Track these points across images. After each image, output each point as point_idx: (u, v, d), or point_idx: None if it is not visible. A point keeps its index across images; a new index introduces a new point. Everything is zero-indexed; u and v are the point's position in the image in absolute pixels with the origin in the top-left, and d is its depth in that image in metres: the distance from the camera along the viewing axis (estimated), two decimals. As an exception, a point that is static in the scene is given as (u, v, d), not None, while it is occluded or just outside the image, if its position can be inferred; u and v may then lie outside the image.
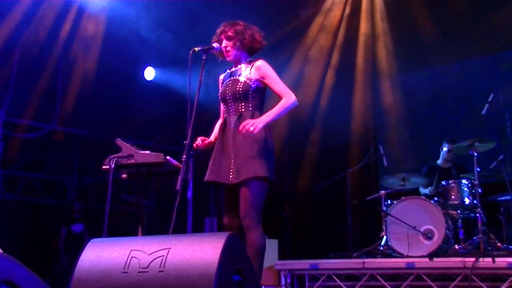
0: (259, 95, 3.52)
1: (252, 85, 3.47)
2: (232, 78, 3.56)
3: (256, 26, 3.64)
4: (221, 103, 3.60)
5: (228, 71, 3.67)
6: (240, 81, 3.48)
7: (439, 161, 6.47)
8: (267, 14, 8.28)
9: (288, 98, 3.44)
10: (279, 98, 3.48)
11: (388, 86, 8.39)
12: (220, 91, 3.60)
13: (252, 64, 3.55)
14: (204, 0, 7.87)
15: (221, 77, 3.71)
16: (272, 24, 8.10)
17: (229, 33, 3.54)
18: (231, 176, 3.37)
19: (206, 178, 3.45)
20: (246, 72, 3.51)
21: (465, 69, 7.64)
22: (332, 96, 8.45)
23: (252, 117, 3.42)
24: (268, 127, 3.44)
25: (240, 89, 3.46)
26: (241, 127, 3.28)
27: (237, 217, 3.39)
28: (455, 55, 7.62)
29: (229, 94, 3.50)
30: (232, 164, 3.38)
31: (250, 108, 3.46)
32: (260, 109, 3.52)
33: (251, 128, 3.24)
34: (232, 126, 3.44)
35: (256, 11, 8.07)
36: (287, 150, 8.96)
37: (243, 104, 3.47)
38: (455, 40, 7.51)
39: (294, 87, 8.35)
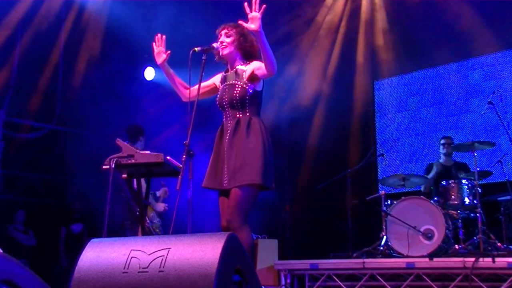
0: (256, 101, 3.50)
1: (250, 90, 3.45)
2: (228, 82, 3.53)
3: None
4: (219, 109, 3.58)
5: (223, 74, 3.64)
6: (238, 85, 3.46)
7: (441, 160, 6.50)
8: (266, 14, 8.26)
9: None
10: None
11: (388, 86, 8.39)
12: (217, 97, 3.58)
13: (249, 63, 3.54)
14: (205, 0, 7.87)
15: (218, 78, 3.70)
16: (271, 24, 8.10)
17: (230, 32, 3.55)
18: (225, 182, 3.37)
19: (203, 184, 3.50)
20: (244, 68, 3.50)
21: (465, 69, 7.65)
22: (332, 97, 8.45)
23: (249, 122, 3.41)
24: (266, 131, 3.43)
25: (237, 95, 3.43)
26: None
27: None
28: (455, 55, 7.63)
29: (226, 100, 3.48)
30: (225, 169, 3.38)
31: (248, 114, 3.44)
32: (258, 114, 3.50)
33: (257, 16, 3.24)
34: (229, 131, 3.43)
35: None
36: (287, 150, 8.96)
37: (240, 109, 3.45)
38: (455, 40, 7.52)
39: (294, 87, 8.40)
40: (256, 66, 3.46)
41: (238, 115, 3.45)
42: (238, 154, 3.34)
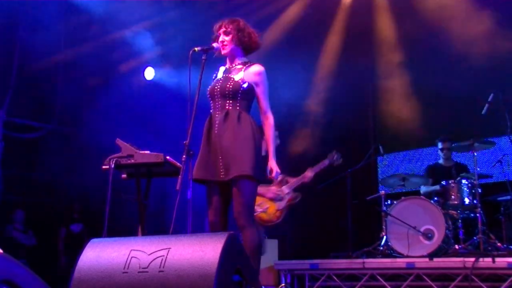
0: (249, 97, 3.51)
1: (244, 86, 3.46)
2: (224, 75, 3.55)
3: (252, 28, 3.65)
4: (209, 99, 3.58)
5: (222, 67, 3.66)
6: (232, 79, 3.47)
7: (440, 160, 6.49)
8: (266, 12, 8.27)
9: (271, 121, 3.54)
10: (260, 111, 3.55)
11: (388, 86, 8.38)
12: (209, 87, 3.59)
13: (247, 66, 3.54)
14: (203, 0, 7.87)
15: (214, 75, 3.72)
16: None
17: (228, 29, 3.55)
18: (222, 174, 3.35)
19: (194, 176, 3.41)
20: (241, 73, 3.51)
21: (465, 68, 7.63)
22: (331, 96, 8.44)
23: (239, 117, 3.40)
24: (256, 127, 3.44)
25: (231, 87, 3.45)
26: (269, 175, 3.47)
27: (220, 214, 3.41)
28: (455, 55, 7.62)
29: (218, 90, 3.49)
30: (221, 161, 3.36)
31: (238, 108, 3.44)
32: (248, 110, 3.50)
33: (273, 174, 3.47)
34: (217, 123, 3.43)
35: (256, 10, 8.06)
36: (287, 150, 8.95)
37: (230, 102, 3.45)
38: (455, 40, 7.51)
39: (295, 88, 8.39)
40: (259, 89, 3.51)
41: (227, 107, 3.44)
42: (229, 146, 3.34)
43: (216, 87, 3.51)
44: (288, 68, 8.39)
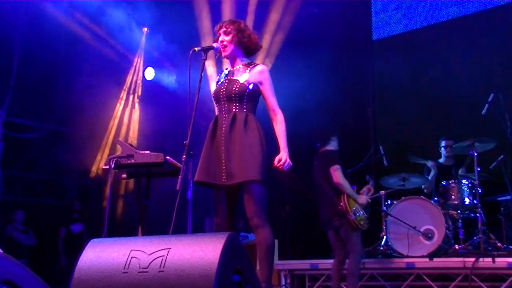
0: (254, 98, 3.50)
1: (249, 87, 3.45)
2: (228, 77, 3.54)
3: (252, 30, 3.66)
4: (214, 102, 3.58)
5: (225, 70, 3.66)
6: (238, 81, 3.47)
7: (441, 160, 6.49)
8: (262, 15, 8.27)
9: (281, 117, 3.51)
10: (268, 108, 3.53)
11: (388, 86, 8.38)
12: (214, 89, 3.59)
13: (251, 66, 3.54)
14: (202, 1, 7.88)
15: (217, 78, 3.72)
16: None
17: (228, 29, 3.55)
18: (224, 178, 3.34)
19: (196, 178, 3.40)
20: (246, 75, 3.50)
21: (465, 68, 7.63)
22: (331, 95, 8.44)
23: (246, 119, 3.39)
24: (262, 130, 3.44)
25: (236, 89, 3.44)
26: (276, 163, 3.38)
27: (226, 217, 3.41)
28: (456, 54, 7.62)
29: (223, 93, 3.47)
30: (223, 165, 3.34)
31: (244, 110, 3.44)
32: (254, 112, 3.49)
33: (285, 166, 3.39)
34: (224, 126, 3.42)
35: (255, 11, 8.06)
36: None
37: (237, 104, 3.44)
38: (455, 39, 7.51)
39: (295, 89, 8.38)
40: (264, 87, 3.50)
41: (234, 109, 3.43)
42: (236, 150, 3.33)
43: (221, 90, 3.50)
44: (287, 68, 8.40)
